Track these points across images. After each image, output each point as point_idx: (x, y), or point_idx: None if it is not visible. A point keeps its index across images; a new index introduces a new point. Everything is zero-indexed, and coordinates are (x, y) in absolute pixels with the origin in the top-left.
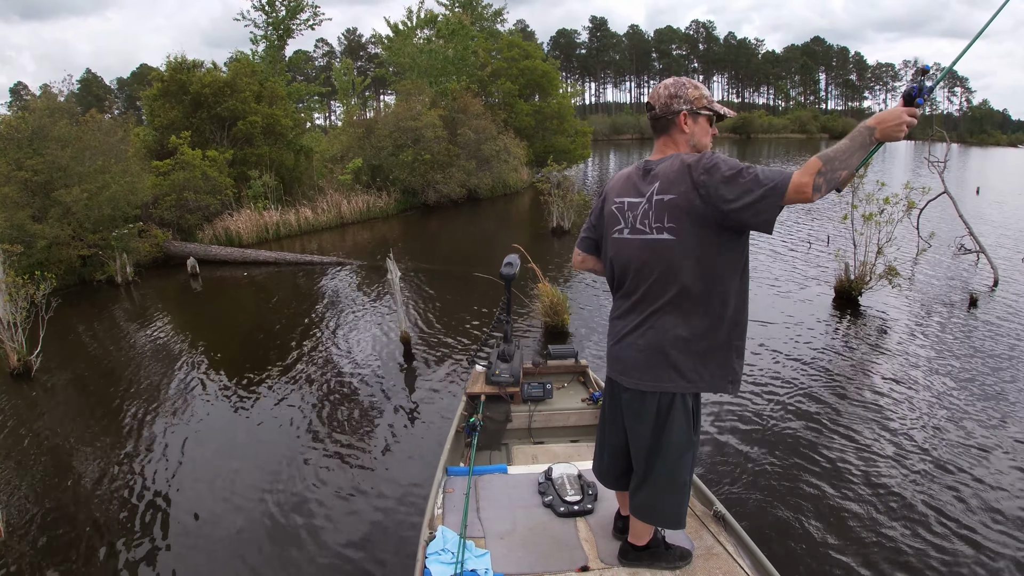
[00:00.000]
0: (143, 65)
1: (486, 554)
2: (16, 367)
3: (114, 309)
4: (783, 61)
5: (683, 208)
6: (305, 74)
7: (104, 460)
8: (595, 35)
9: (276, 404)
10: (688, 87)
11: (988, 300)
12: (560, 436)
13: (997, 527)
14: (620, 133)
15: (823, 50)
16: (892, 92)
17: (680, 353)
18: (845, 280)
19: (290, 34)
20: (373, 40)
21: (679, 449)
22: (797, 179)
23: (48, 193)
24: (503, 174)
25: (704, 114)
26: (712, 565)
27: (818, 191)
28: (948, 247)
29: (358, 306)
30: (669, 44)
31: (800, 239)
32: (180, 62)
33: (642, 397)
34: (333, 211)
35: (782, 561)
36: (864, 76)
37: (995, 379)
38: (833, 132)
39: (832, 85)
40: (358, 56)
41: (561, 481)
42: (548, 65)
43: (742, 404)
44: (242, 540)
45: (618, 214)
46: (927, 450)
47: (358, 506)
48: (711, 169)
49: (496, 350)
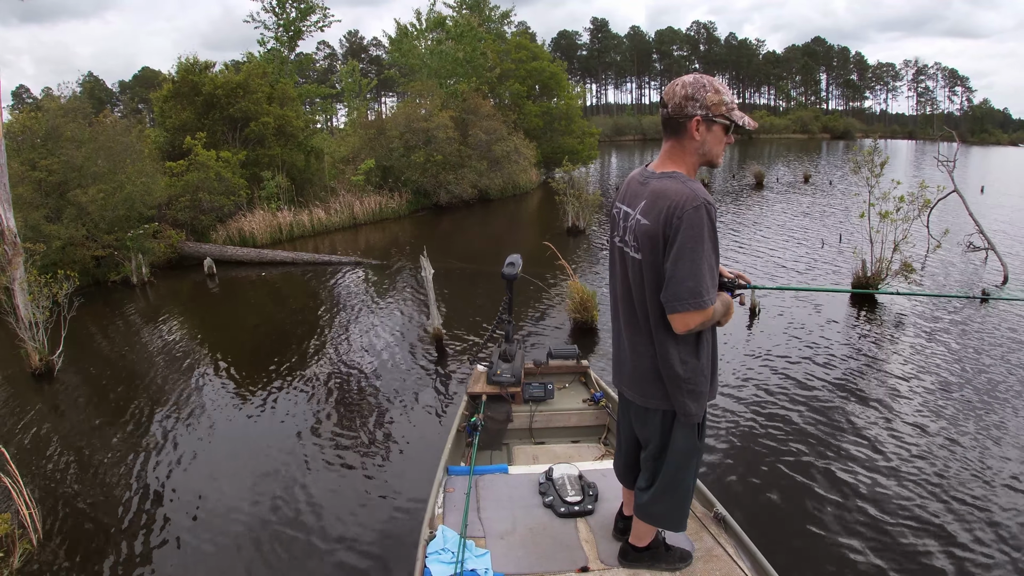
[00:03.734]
0: (145, 68)
1: (486, 554)
2: (38, 367)
3: (131, 310)
4: (784, 61)
5: (652, 236)
6: (307, 76)
7: (130, 464)
8: (596, 36)
9: (284, 403)
10: (708, 90)
11: (999, 295)
12: (561, 436)
13: (1007, 526)
14: (622, 135)
15: (824, 50)
16: (893, 92)
17: (652, 373)
18: (862, 276)
19: (300, 36)
20: (375, 43)
21: (684, 455)
22: (687, 319)
23: (63, 194)
24: (514, 175)
25: (720, 122)
26: (712, 567)
27: (689, 328)
28: (958, 245)
29: (376, 306)
30: (670, 45)
31: (815, 237)
32: (192, 63)
33: (645, 406)
34: (346, 212)
35: (782, 563)
36: (865, 76)
37: (1008, 375)
38: (834, 132)
39: (833, 85)
40: (359, 58)
41: (562, 481)
42: (556, 67)
43: (747, 403)
44: (244, 538)
45: (618, 220)
46: (935, 453)
47: (359, 505)
48: (686, 225)
49: (498, 350)
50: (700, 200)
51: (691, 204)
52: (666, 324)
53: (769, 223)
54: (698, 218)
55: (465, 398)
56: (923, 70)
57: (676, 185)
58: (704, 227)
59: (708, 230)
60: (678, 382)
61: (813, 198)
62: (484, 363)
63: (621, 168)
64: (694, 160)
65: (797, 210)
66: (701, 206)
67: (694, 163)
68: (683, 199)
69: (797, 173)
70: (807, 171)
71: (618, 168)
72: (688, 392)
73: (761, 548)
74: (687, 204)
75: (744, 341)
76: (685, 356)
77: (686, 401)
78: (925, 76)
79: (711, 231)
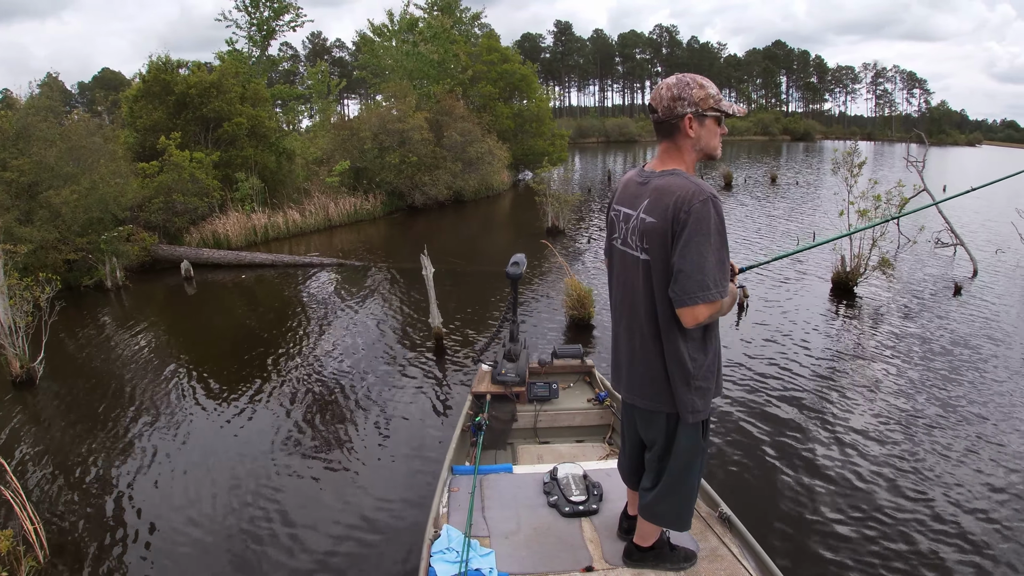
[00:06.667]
0: (105, 69)
1: (490, 553)
2: (19, 375)
3: (109, 315)
4: (745, 65)
5: (659, 233)
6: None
7: (129, 473)
8: (560, 39)
9: (280, 404)
10: (692, 87)
11: (970, 288)
12: (566, 436)
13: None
14: (585, 137)
15: (784, 53)
16: (852, 94)
17: (659, 375)
18: (841, 272)
19: (273, 35)
20: (338, 44)
21: (689, 454)
22: (696, 312)
23: (34, 195)
24: (487, 176)
25: (711, 115)
26: (716, 567)
27: (699, 322)
28: (927, 241)
29: (366, 307)
30: (633, 48)
31: (789, 236)
32: (164, 62)
33: (650, 409)
34: (321, 214)
35: (787, 564)
36: (824, 79)
37: (991, 360)
38: (794, 134)
39: (793, 88)
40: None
41: (566, 481)
42: (526, 69)
43: (748, 403)
44: (247, 537)
45: (616, 222)
46: (932, 450)
47: (363, 504)
48: (694, 219)
49: (502, 349)
50: (707, 194)
51: (698, 198)
52: (676, 322)
53: (743, 222)
54: (705, 212)
55: (469, 397)
56: (882, 72)
57: (680, 181)
58: (711, 220)
59: (716, 223)
60: (688, 379)
61: (781, 198)
62: (489, 362)
63: (586, 170)
64: (692, 157)
65: (769, 210)
66: (708, 200)
67: (692, 160)
68: (689, 193)
69: (762, 174)
70: (773, 172)
71: (582, 170)
72: (696, 389)
73: (766, 548)
74: (694, 198)
75: (738, 336)
76: (694, 353)
77: (694, 399)
78: (884, 78)
79: (719, 224)
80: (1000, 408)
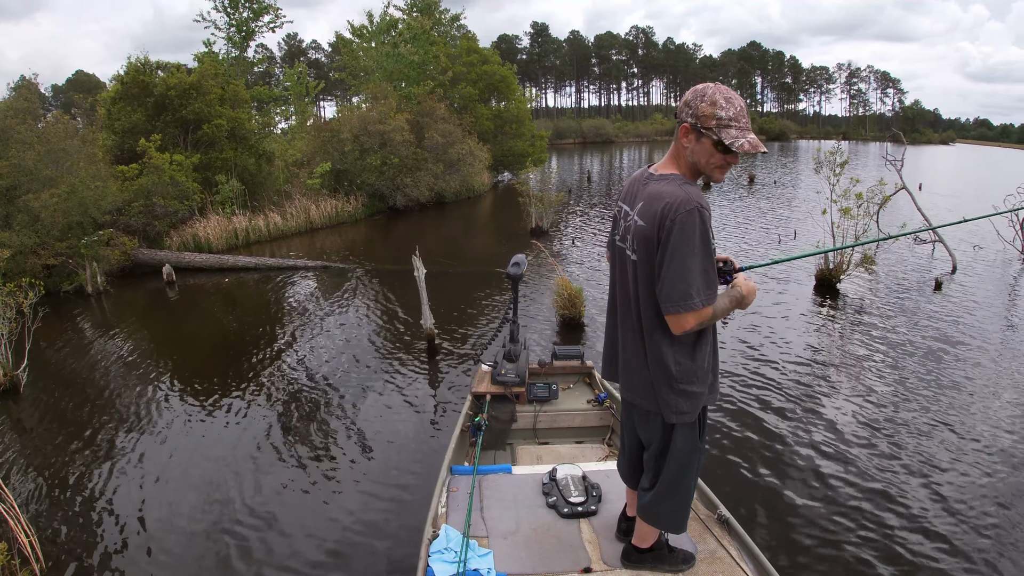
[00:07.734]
0: (79, 71)
1: (489, 554)
2: (2, 383)
3: (89, 321)
4: (720, 66)
5: (647, 238)
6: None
7: (117, 485)
8: (536, 40)
9: (274, 406)
10: (703, 100)
11: (950, 283)
12: (565, 437)
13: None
14: (562, 138)
15: (759, 54)
16: (826, 94)
17: (645, 373)
18: (825, 269)
19: (252, 36)
20: (314, 46)
21: (685, 455)
22: (681, 320)
23: (12, 199)
24: (468, 177)
25: (707, 136)
26: (715, 569)
27: (685, 330)
28: (905, 239)
29: (355, 308)
30: (609, 50)
31: (769, 234)
32: (143, 63)
33: (636, 405)
34: (302, 216)
35: (785, 566)
36: (799, 79)
37: (974, 351)
38: (770, 134)
39: (768, 88)
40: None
41: (565, 482)
42: (506, 70)
43: (746, 404)
44: (245, 540)
45: (618, 219)
46: (928, 449)
47: (361, 504)
48: (678, 228)
49: (502, 349)
50: (693, 204)
51: (685, 207)
52: (661, 324)
53: (727, 221)
54: (691, 222)
55: (469, 398)
56: (856, 73)
57: (671, 188)
58: (695, 231)
59: (700, 234)
60: (671, 382)
61: (761, 198)
62: (488, 363)
63: (563, 171)
64: (688, 165)
65: (749, 211)
66: (694, 210)
67: (688, 168)
68: (677, 202)
69: (739, 172)
70: (751, 172)
71: (560, 171)
72: (679, 392)
73: (764, 551)
74: (681, 207)
75: (728, 334)
76: (680, 357)
77: (678, 400)
78: (858, 79)
79: (703, 235)
80: (983, 400)
